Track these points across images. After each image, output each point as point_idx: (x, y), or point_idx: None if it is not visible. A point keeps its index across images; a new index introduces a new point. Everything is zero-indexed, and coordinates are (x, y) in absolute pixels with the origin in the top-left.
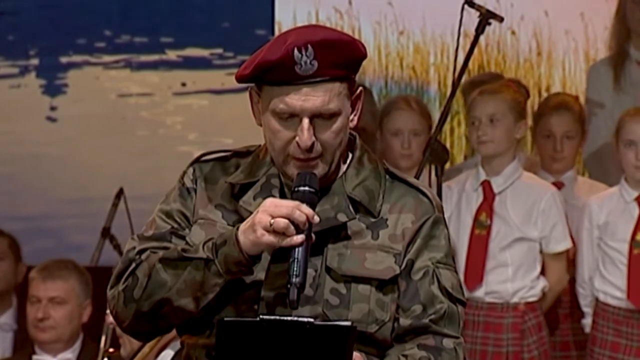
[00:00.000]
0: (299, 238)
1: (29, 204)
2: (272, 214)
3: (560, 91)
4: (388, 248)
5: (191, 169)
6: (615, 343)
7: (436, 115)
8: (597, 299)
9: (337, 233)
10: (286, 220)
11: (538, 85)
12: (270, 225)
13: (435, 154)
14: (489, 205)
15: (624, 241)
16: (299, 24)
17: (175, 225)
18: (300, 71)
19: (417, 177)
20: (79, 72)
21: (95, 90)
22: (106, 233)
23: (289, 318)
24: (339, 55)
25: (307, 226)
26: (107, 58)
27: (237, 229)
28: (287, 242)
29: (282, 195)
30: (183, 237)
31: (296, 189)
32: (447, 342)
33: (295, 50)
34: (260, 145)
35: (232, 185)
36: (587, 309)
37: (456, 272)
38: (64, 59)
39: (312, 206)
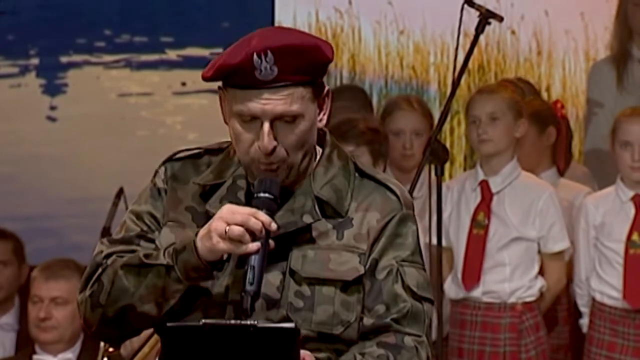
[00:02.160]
0: (254, 246)
1: (28, 203)
2: (227, 221)
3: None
4: (353, 248)
5: (162, 168)
6: (612, 343)
7: (436, 115)
8: (593, 299)
9: (302, 235)
10: (241, 228)
11: (538, 85)
12: (225, 232)
13: (435, 154)
14: (487, 205)
15: (620, 241)
16: (299, 24)
17: (145, 228)
18: (260, 76)
19: (417, 176)
20: (79, 72)
21: (96, 90)
22: (106, 233)
23: (232, 322)
24: (300, 61)
25: (265, 233)
26: (107, 58)
27: (197, 234)
28: (243, 250)
29: (248, 197)
30: (152, 240)
31: (256, 196)
32: (408, 340)
33: (255, 56)
34: (231, 142)
35: (201, 186)
36: (584, 309)
37: (424, 269)
38: (64, 59)
39: (271, 213)
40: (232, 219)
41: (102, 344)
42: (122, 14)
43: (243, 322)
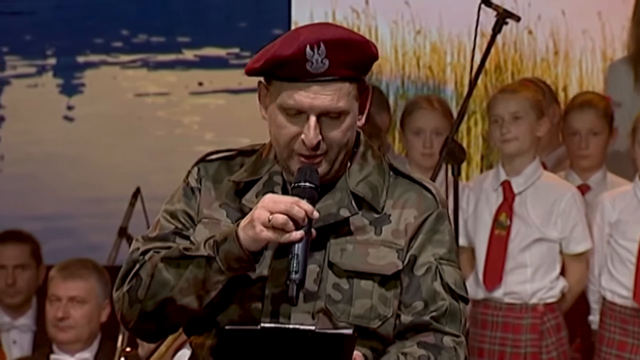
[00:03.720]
0: (298, 234)
1: (45, 203)
2: (270, 210)
3: (587, 90)
4: (391, 243)
5: (196, 169)
6: (622, 342)
7: (453, 115)
8: (604, 298)
9: (340, 229)
10: (284, 216)
11: (555, 84)
12: (269, 221)
13: (452, 154)
14: (509, 206)
15: (634, 240)
16: None
17: (180, 226)
18: (311, 69)
19: (434, 176)
20: (96, 72)
21: (112, 90)
22: (123, 233)
23: (290, 326)
24: (350, 55)
25: (307, 222)
26: (124, 57)
27: (238, 225)
28: (286, 238)
29: (285, 192)
30: (187, 237)
31: (296, 185)
32: (447, 341)
33: (308, 48)
34: (264, 144)
35: (235, 184)
36: (596, 305)
37: (459, 268)
38: (81, 59)
39: (312, 202)
40: (275, 208)
41: (119, 344)
42: (139, 13)
43: (301, 326)
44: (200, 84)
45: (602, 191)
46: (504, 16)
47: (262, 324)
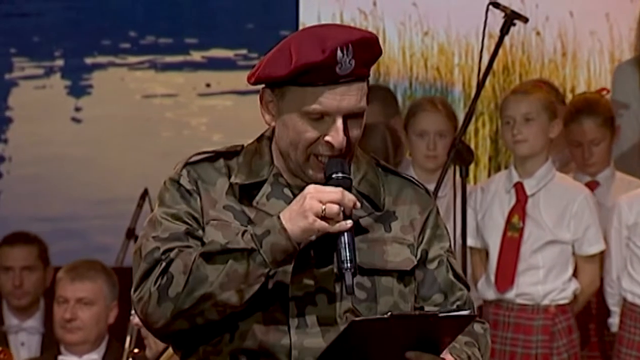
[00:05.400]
0: (349, 223)
1: (53, 205)
2: (321, 200)
3: (584, 91)
4: (401, 239)
5: (185, 171)
6: None
7: (460, 116)
8: (624, 299)
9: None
10: (338, 206)
11: (563, 86)
12: (322, 211)
13: (460, 155)
14: (522, 208)
15: None
16: None
17: (189, 227)
18: (339, 71)
19: (441, 178)
20: (103, 73)
21: (120, 91)
22: (131, 234)
23: (416, 313)
24: (371, 54)
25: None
26: (131, 59)
27: (279, 218)
28: (338, 227)
29: (292, 194)
30: (199, 238)
31: (332, 176)
32: (478, 328)
33: (339, 51)
34: (242, 145)
35: (234, 186)
36: (615, 308)
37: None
38: (88, 60)
39: (349, 191)
40: (326, 198)
41: (126, 345)
42: (147, 15)
43: (425, 312)
44: (208, 85)
45: (611, 187)
46: (511, 17)
47: (392, 312)
